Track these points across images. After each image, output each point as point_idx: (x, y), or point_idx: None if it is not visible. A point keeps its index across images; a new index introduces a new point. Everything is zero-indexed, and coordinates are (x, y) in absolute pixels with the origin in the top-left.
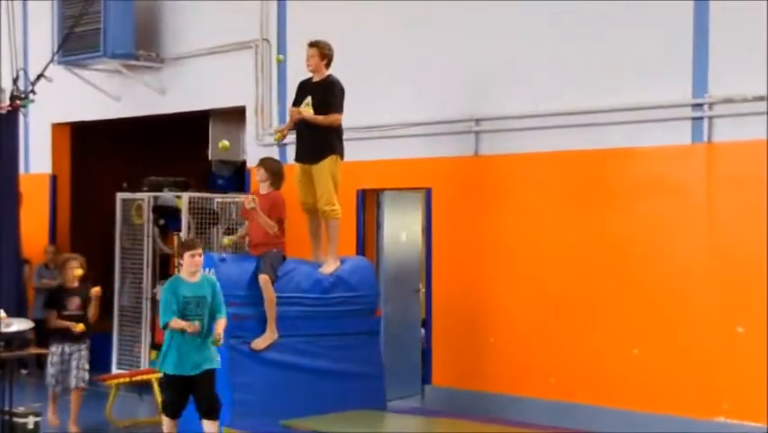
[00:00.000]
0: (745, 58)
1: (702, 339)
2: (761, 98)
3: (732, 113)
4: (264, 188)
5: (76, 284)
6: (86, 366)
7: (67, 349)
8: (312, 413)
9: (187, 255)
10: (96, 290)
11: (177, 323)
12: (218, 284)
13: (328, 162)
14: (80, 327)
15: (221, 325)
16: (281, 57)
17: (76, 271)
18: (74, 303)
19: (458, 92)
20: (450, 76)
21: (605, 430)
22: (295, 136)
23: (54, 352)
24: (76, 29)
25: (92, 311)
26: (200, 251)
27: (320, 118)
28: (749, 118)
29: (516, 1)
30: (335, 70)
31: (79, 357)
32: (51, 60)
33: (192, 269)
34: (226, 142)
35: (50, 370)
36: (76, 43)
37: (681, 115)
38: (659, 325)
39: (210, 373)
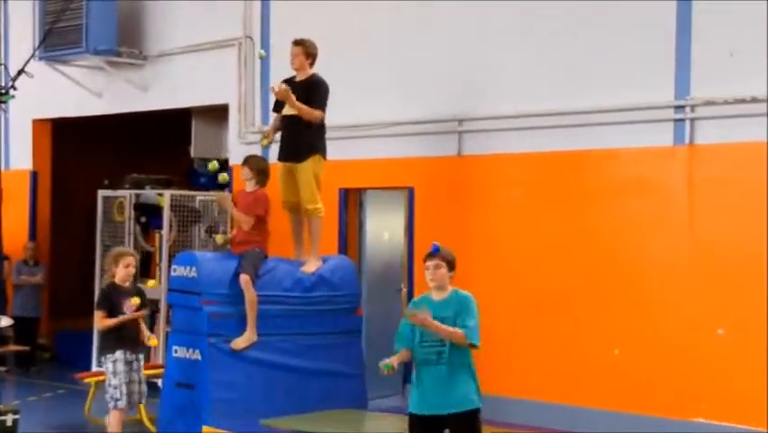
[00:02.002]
0: (728, 60)
1: (683, 340)
2: (742, 101)
3: (714, 115)
4: (250, 187)
5: (128, 284)
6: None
7: (128, 357)
8: (293, 412)
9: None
10: (134, 301)
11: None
12: (472, 301)
13: (311, 161)
14: (155, 341)
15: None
16: (263, 52)
17: (131, 268)
18: (129, 304)
19: (441, 92)
20: (433, 76)
21: (585, 430)
22: (279, 135)
23: (118, 359)
24: (57, 24)
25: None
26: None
27: (304, 108)
28: (731, 120)
29: (500, 2)
30: (319, 69)
31: (139, 368)
32: (32, 56)
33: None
34: (216, 164)
35: (113, 381)
36: (57, 39)
37: (663, 117)
38: (640, 326)
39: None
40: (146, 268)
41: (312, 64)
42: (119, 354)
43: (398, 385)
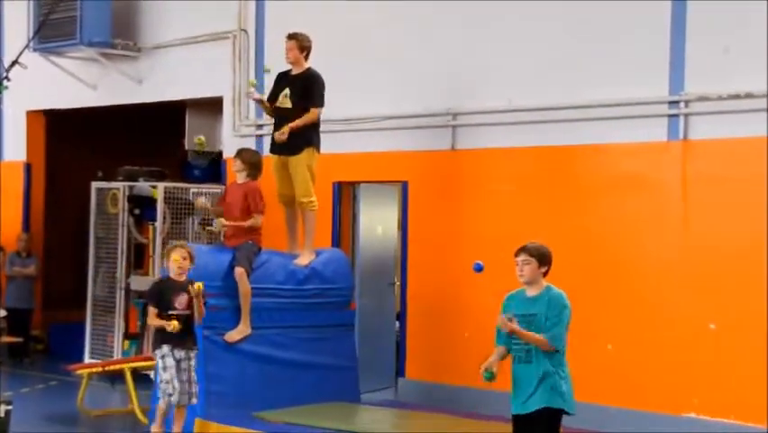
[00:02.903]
0: (722, 56)
1: (675, 335)
2: (736, 96)
3: (708, 110)
4: (241, 179)
5: (183, 278)
6: (196, 378)
7: (177, 354)
8: (286, 405)
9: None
10: (198, 286)
11: None
12: (562, 302)
13: (305, 155)
14: (174, 324)
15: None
16: (269, 67)
17: (182, 262)
18: (181, 300)
19: (435, 86)
20: (427, 70)
21: (576, 425)
22: (272, 127)
23: (165, 354)
24: (52, 16)
25: (198, 310)
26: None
27: (299, 122)
28: (725, 116)
29: None
30: (313, 62)
31: (189, 367)
32: (26, 47)
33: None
34: (202, 138)
35: (164, 375)
36: (52, 30)
37: (657, 112)
38: (633, 321)
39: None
40: (139, 260)
41: (307, 57)
42: (166, 348)
43: (391, 379)
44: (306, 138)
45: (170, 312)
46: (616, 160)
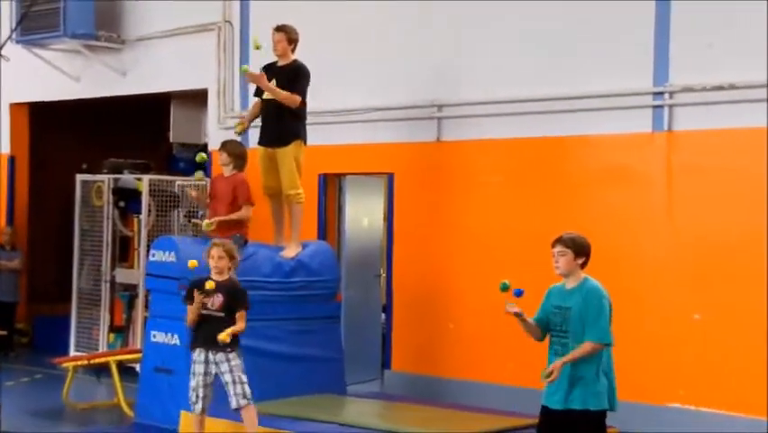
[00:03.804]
0: (706, 47)
1: (660, 326)
2: (720, 87)
3: (692, 102)
4: (227, 171)
5: (225, 276)
6: (245, 377)
7: (211, 357)
8: (272, 397)
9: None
10: (210, 285)
11: None
12: (598, 294)
13: (293, 147)
14: (211, 283)
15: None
16: (260, 43)
17: (217, 261)
18: (215, 300)
19: (421, 78)
20: (413, 62)
21: None
22: (260, 120)
23: (195, 359)
24: (35, 8)
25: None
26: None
27: (280, 93)
28: (709, 107)
29: None
30: (299, 54)
31: (231, 368)
32: (9, 39)
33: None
34: (204, 155)
35: (191, 382)
36: (35, 22)
37: (641, 104)
38: (618, 311)
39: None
40: (124, 253)
41: (294, 49)
42: (196, 353)
43: (377, 371)
44: (294, 131)
45: (202, 312)
46: (600, 151)
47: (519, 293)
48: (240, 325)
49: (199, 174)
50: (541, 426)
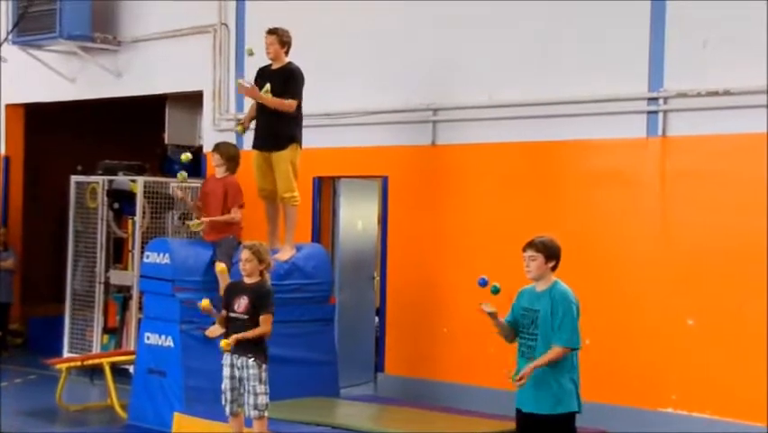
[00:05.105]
0: (700, 53)
1: (653, 331)
2: (715, 93)
3: (687, 107)
4: (220, 173)
5: (255, 279)
6: (260, 388)
7: (236, 361)
8: None
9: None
10: (204, 303)
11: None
12: (567, 298)
13: (289, 151)
14: (205, 303)
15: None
16: (252, 50)
17: (244, 263)
18: (241, 303)
19: (416, 81)
20: (408, 65)
21: None
22: (255, 123)
23: (224, 362)
24: (31, 9)
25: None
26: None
27: (276, 102)
28: (703, 113)
29: None
30: (293, 57)
31: (248, 376)
32: (5, 40)
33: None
34: (189, 155)
35: (222, 385)
36: (31, 24)
37: (636, 109)
38: (611, 316)
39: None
40: (118, 254)
41: (287, 52)
42: (225, 356)
43: (370, 374)
44: (290, 134)
45: (230, 315)
46: (595, 156)
47: (496, 290)
48: (255, 330)
49: (182, 174)
50: (517, 428)
